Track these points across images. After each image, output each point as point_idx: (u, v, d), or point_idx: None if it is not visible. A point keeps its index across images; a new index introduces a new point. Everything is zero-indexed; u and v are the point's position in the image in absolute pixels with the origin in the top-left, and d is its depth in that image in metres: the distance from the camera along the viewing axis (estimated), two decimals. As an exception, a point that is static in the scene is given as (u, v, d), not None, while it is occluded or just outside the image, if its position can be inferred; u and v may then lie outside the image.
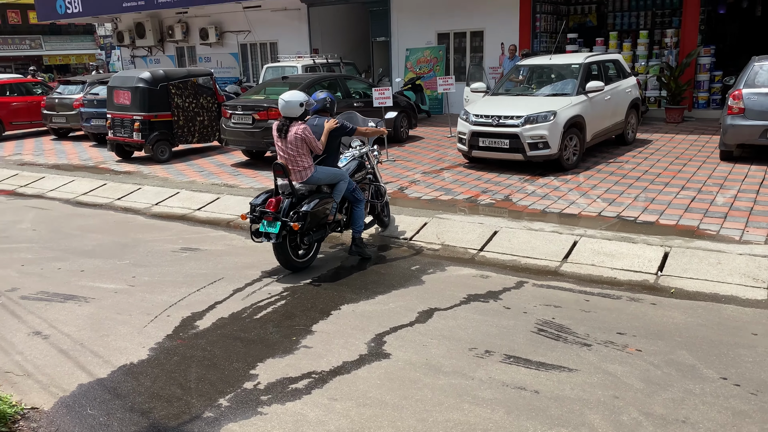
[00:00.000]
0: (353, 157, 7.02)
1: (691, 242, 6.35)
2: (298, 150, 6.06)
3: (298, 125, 6.06)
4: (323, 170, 6.28)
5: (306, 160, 6.12)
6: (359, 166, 7.02)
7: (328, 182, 6.33)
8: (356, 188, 6.57)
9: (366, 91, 12.50)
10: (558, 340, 4.60)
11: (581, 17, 17.25)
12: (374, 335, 4.77)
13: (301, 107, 6.12)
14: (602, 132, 10.65)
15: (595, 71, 10.70)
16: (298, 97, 6.13)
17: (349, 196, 6.54)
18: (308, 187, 6.25)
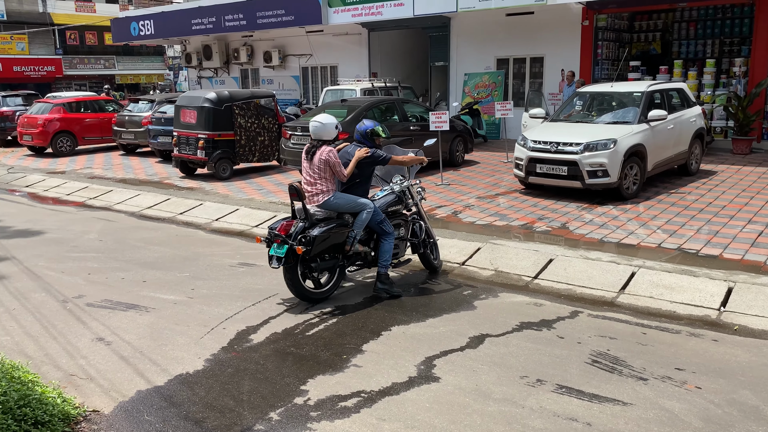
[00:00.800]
0: (391, 191, 6.62)
1: (757, 278, 6.10)
2: (321, 173, 5.91)
3: (326, 148, 5.93)
4: (343, 197, 6.02)
5: (326, 184, 5.92)
6: (396, 200, 6.58)
7: (348, 210, 6.04)
8: (384, 221, 6.16)
9: (423, 115, 12.60)
10: (613, 372, 4.49)
11: (644, 45, 16.96)
12: (424, 358, 4.77)
13: (336, 129, 6.05)
14: (664, 161, 10.39)
15: (658, 100, 10.49)
16: (334, 120, 6.05)
17: (375, 228, 6.16)
18: (326, 213, 5.98)
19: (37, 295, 6.38)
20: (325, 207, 5.95)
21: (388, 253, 6.15)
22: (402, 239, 6.50)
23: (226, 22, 20.33)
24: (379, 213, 6.16)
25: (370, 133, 6.26)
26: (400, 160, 6.36)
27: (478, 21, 16.89)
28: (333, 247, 5.92)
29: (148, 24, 22.71)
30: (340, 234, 5.92)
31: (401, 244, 6.50)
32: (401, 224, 6.54)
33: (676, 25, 16.24)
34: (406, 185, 6.68)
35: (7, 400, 3.67)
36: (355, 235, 6.00)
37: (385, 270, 6.13)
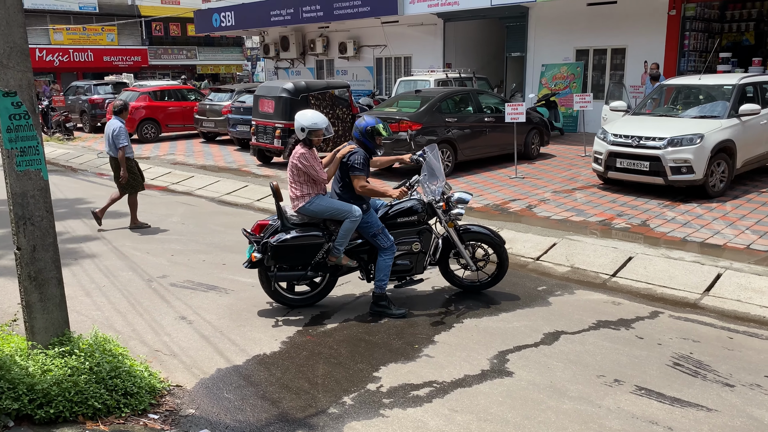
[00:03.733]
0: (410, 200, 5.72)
1: None
2: (292, 176, 5.42)
3: (297, 150, 5.38)
4: (321, 203, 5.36)
5: (301, 189, 5.37)
6: (410, 210, 5.65)
7: (329, 217, 5.40)
8: (379, 234, 5.40)
9: (498, 107, 12.42)
10: (696, 376, 4.31)
11: (736, 35, 16.04)
12: (497, 352, 4.72)
13: (303, 132, 5.36)
14: (755, 159, 9.84)
15: (750, 93, 9.92)
16: (302, 121, 5.36)
17: (370, 241, 5.47)
18: (302, 218, 5.47)
19: (124, 273, 6.72)
20: (301, 213, 5.44)
21: (383, 271, 5.40)
22: (416, 254, 5.64)
23: (303, 14, 20.67)
24: (373, 224, 5.42)
25: (370, 131, 5.48)
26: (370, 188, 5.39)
27: (557, 10, 16.46)
28: (302, 257, 5.38)
29: (229, 15, 23.39)
30: (310, 245, 5.34)
31: (414, 258, 5.65)
32: (416, 237, 5.63)
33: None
34: (428, 200, 5.67)
35: (100, 370, 3.89)
36: (337, 245, 5.37)
37: (380, 290, 5.44)
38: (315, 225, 5.48)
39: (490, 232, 5.96)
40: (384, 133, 5.55)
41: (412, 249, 5.62)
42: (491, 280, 5.96)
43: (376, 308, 5.48)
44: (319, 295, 5.73)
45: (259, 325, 5.32)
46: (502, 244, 5.94)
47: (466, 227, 5.93)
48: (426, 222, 5.74)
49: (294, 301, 5.69)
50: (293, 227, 5.43)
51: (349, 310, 5.65)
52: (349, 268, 5.67)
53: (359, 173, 5.37)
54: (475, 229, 5.95)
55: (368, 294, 5.94)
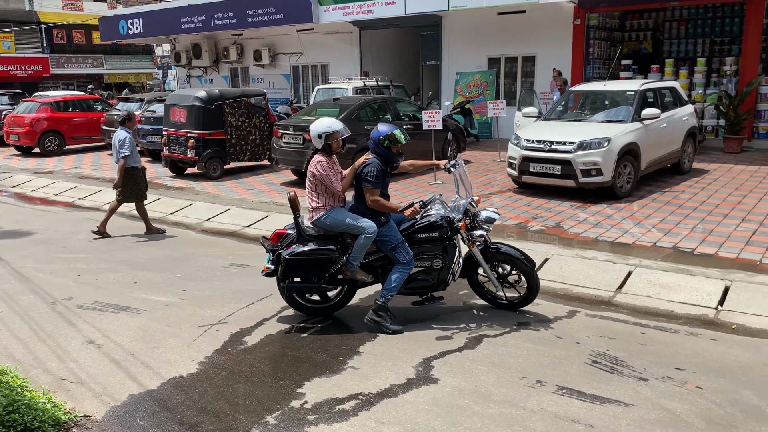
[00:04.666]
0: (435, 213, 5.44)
1: (753, 277, 6.09)
2: (312, 187, 5.30)
3: (315, 158, 5.28)
4: (336, 216, 5.22)
5: (318, 200, 5.25)
6: (433, 225, 5.36)
7: (344, 231, 5.27)
8: (398, 247, 5.19)
9: (416, 114, 12.54)
10: (613, 372, 4.45)
11: (636, 44, 16.98)
12: (422, 359, 4.70)
13: (320, 139, 5.25)
14: (657, 160, 10.39)
15: (650, 98, 10.48)
16: (317, 128, 5.26)
17: (389, 255, 5.30)
18: (319, 230, 5.34)
19: (25, 297, 6.25)
20: (316, 225, 5.35)
21: (394, 283, 5.21)
22: (438, 270, 5.38)
23: (215, 21, 20.16)
24: (392, 237, 5.21)
25: (383, 140, 5.21)
26: (381, 203, 5.15)
27: (469, 20, 16.85)
28: (315, 270, 5.28)
29: (136, 22, 22.48)
30: (323, 259, 5.22)
31: (436, 275, 5.39)
32: (438, 253, 5.36)
33: (667, 24, 16.28)
34: (452, 216, 5.36)
35: (-4, 406, 3.57)
36: (351, 260, 5.24)
37: (384, 301, 5.23)
38: (332, 238, 5.33)
39: (520, 255, 5.48)
40: (402, 140, 5.24)
41: (432, 266, 5.36)
42: (520, 301, 5.59)
43: (373, 318, 5.25)
44: (337, 306, 5.61)
45: (174, 346, 5.06)
46: (531, 268, 5.46)
47: (497, 246, 5.54)
48: (450, 238, 5.42)
49: (311, 310, 5.60)
50: (310, 239, 5.31)
51: (271, 325, 5.48)
52: (366, 283, 5.50)
53: (371, 186, 5.15)
54: (505, 249, 5.53)
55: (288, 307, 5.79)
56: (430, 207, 5.48)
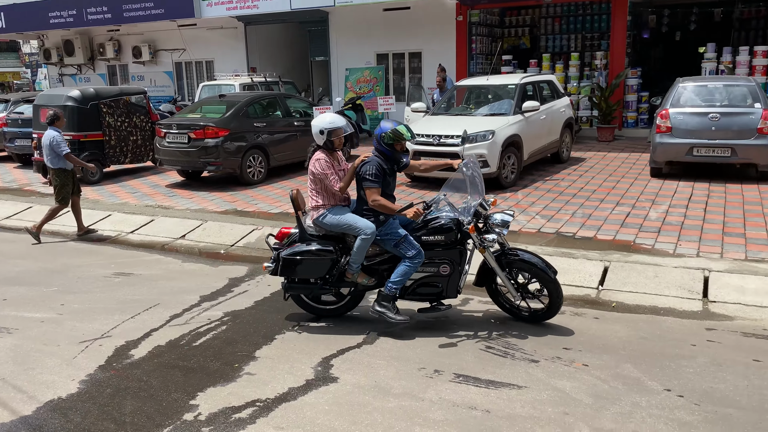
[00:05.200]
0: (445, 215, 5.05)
1: (629, 256, 6.52)
2: (312, 185, 5.14)
3: (316, 155, 5.11)
4: (334, 217, 5.02)
5: (318, 198, 5.08)
6: (441, 228, 5.00)
7: (342, 232, 5.08)
8: (403, 242, 4.89)
9: (306, 110, 12.40)
10: (506, 357, 4.59)
11: (515, 39, 17.73)
12: (321, 359, 4.63)
13: (322, 135, 5.03)
14: (539, 150, 10.90)
15: (530, 92, 10.97)
16: (319, 124, 5.03)
17: (395, 252, 5.01)
18: (319, 229, 5.14)
19: None
20: (316, 224, 5.15)
21: (401, 275, 4.91)
22: (446, 276, 5.03)
23: (88, 15, 18.91)
24: (392, 234, 4.94)
25: (386, 137, 4.94)
26: (382, 203, 4.88)
27: (356, 16, 16.88)
28: (313, 271, 5.10)
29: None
30: (320, 260, 5.03)
31: (444, 281, 5.05)
32: (446, 258, 5.02)
33: (543, 21, 17.11)
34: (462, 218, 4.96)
35: None
36: (351, 262, 5.01)
37: (389, 291, 4.97)
38: (334, 238, 5.14)
39: (539, 262, 5.06)
40: (406, 136, 4.96)
41: (440, 271, 5.03)
42: (543, 314, 5.14)
43: (377, 308, 5.01)
44: (345, 307, 5.39)
45: (52, 365, 4.66)
46: (552, 277, 5.00)
47: (516, 252, 5.13)
48: (461, 242, 5.08)
49: (319, 311, 5.41)
50: (312, 239, 5.13)
51: (160, 335, 5.19)
52: (366, 286, 5.20)
53: (371, 185, 4.92)
54: (525, 256, 5.11)
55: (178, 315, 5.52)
56: (436, 208, 5.14)
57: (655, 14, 17.52)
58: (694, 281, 5.85)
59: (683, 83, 10.27)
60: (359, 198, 5.11)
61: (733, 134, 9.39)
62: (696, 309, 5.44)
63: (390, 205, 4.93)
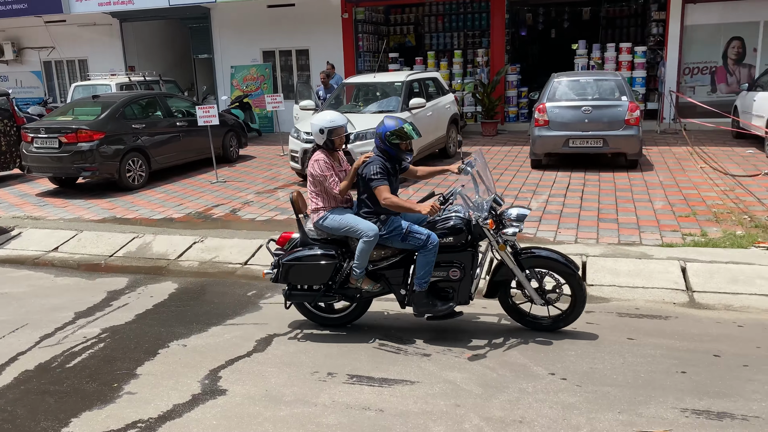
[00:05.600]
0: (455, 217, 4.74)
1: (513, 246, 6.75)
2: (310, 186, 4.88)
3: (315, 155, 4.83)
4: (334, 219, 4.75)
5: (317, 200, 4.82)
6: (451, 229, 4.68)
7: (344, 235, 4.80)
8: (409, 235, 4.60)
9: (190, 110, 11.89)
10: (399, 353, 4.60)
11: (401, 37, 17.98)
12: (208, 371, 4.42)
13: (322, 134, 4.75)
14: (427, 146, 11.09)
15: (416, 89, 11.15)
16: (319, 123, 4.75)
17: (404, 248, 4.73)
18: (320, 233, 4.88)
19: None
20: (317, 228, 4.89)
21: (423, 269, 4.63)
22: (456, 281, 4.72)
23: (-63, 10, 17.12)
24: (395, 230, 4.65)
25: (390, 135, 4.67)
26: (394, 202, 4.58)
27: (239, 12, 16.44)
28: (315, 277, 4.82)
29: None
30: (321, 266, 4.75)
31: (456, 286, 4.74)
32: (456, 262, 4.70)
33: (427, 19, 17.47)
34: (474, 217, 4.64)
35: None
36: (354, 267, 4.72)
37: (421, 288, 4.67)
38: (337, 242, 4.86)
39: (560, 257, 4.77)
40: (412, 135, 4.68)
41: (449, 276, 4.72)
42: (565, 317, 4.80)
43: (420, 309, 4.73)
44: (351, 315, 5.08)
45: None
46: (575, 272, 4.73)
47: (530, 250, 4.82)
48: (472, 243, 4.77)
49: (323, 320, 5.10)
50: (314, 243, 4.87)
51: (28, 359, 4.75)
52: (371, 293, 4.90)
53: (380, 183, 4.61)
54: (543, 253, 4.82)
55: (50, 335, 5.09)
56: (451, 203, 4.81)
57: (531, 13, 18.39)
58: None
59: (558, 78, 10.82)
60: (360, 201, 4.87)
61: (603, 126, 10.01)
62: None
63: (403, 203, 4.71)
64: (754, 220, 7.15)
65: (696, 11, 13.92)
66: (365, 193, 4.76)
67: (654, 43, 14.76)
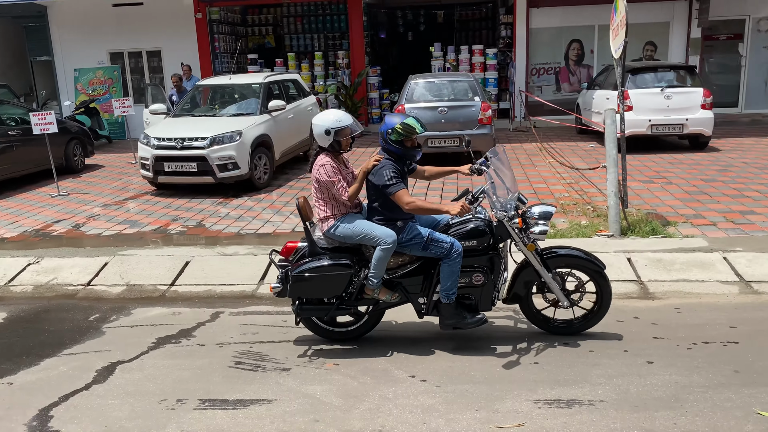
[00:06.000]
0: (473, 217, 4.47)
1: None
2: (316, 193, 4.50)
3: (320, 159, 4.46)
4: (348, 226, 4.40)
5: (326, 208, 4.46)
6: (472, 232, 4.41)
7: (359, 243, 4.45)
8: (431, 243, 4.30)
9: (24, 117, 10.78)
10: (257, 370, 4.35)
11: (260, 38, 17.57)
12: (38, 411, 3.91)
13: (328, 136, 4.39)
14: (291, 149, 10.87)
15: (276, 91, 10.88)
16: (324, 123, 4.40)
17: (425, 256, 4.42)
18: (331, 241, 4.51)
19: None
20: (327, 237, 4.51)
21: (449, 279, 4.33)
22: (479, 287, 4.45)
23: None
24: (416, 237, 4.36)
25: (394, 133, 4.35)
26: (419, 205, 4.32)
27: (81, 11, 15.23)
28: (328, 289, 4.46)
29: None
30: (336, 276, 4.39)
31: (478, 292, 4.47)
32: (478, 266, 4.43)
33: (286, 20, 17.20)
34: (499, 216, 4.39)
35: None
36: (371, 276, 4.39)
37: (448, 300, 4.38)
38: (349, 250, 4.48)
39: (585, 254, 4.60)
40: (416, 129, 4.31)
41: (472, 281, 4.41)
42: (593, 316, 4.62)
43: (448, 322, 4.43)
44: (363, 327, 4.70)
45: None
46: (602, 269, 4.54)
47: (551, 250, 4.60)
48: (494, 246, 4.49)
49: (335, 335, 4.73)
50: (323, 252, 4.48)
51: None
52: (389, 303, 4.55)
53: (397, 188, 4.28)
54: (565, 251, 4.62)
55: None
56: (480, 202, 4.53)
57: (388, 16, 18.70)
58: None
59: (415, 80, 11.01)
60: (371, 209, 4.53)
61: (459, 125, 10.32)
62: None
63: (430, 205, 4.48)
64: (596, 210, 7.65)
65: (539, 15, 14.82)
66: (377, 201, 4.46)
67: (504, 46, 15.53)
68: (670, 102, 10.70)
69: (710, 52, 15.13)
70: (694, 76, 11.37)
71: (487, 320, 4.50)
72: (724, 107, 14.28)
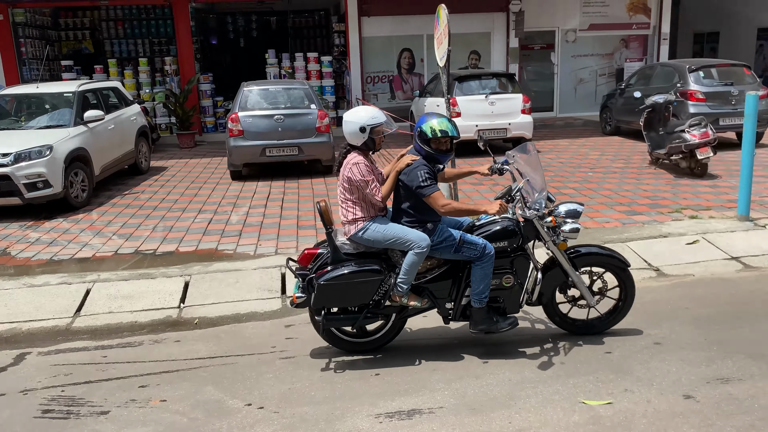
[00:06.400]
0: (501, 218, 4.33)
1: (210, 266, 6.32)
2: (346, 194, 4.23)
3: (351, 158, 4.20)
4: (379, 230, 4.17)
5: (355, 210, 4.20)
6: (501, 233, 4.27)
7: (390, 247, 4.21)
8: (463, 245, 4.15)
9: None
10: (69, 417, 3.82)
11: (76, 44, 16.10)
12: None
13: (363, 133, 4.14)
14: (112, 163, 10.00)
15: (94, 100, 9.97)
16: (358, 120, 4.15)
17: (457, 259, 4.24)
18: (356, 246, 4.26)
19: None
20: (354, 241, 4.26)
21: (481, 282, 4.16)
22: (508, 288, 4.32)
23: None
24: (447, 240, 4.16)
25: (419, 133, 4.22)
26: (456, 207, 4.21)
27: None
28: (356, 297, 4.21)
29: None
30: (365, 282, 4.14)
31: (507, 294, 4.34)
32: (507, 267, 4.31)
33: (105, 24, 15.94)
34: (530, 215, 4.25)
35: None
36: (400, 282, 4.16)
37: (480, 304, 4.20)
38: (374, 255, 4.27)
39: (610, 252, 4.54)
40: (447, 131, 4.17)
41: (502, 283, 4.31)
42: (617, 313, 4.56)
43: (480, 327, 4.27)
44: (386, 336, 4.46)
45: None
46: (627, 266, 4.48)
47: (575, 249, 4.47)
48: (522, 247, 4.35)
49: (354, 346, 4.47)
50: (347, 258, 4.23)
51: None
52: (418, 309, 4.35)
53: (433, 190, 4.10)
54: (589, 250, 4.53)
55: None
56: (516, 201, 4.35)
57: (218, 21, 18.05)
58: (272, 280, 5.95)
59: (248, 87, 10.65)
60: (399, 210, 4.31)
61: (297, 134, 10.14)
62: (276, 308, 5.49)
63: (467, 206, 4.44)
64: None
65: (371, 24, 15.10)
66: (407, 202, 4.26)
67: (338, 53, 15.60)
68: (494, 108, 11.35)
69: (527, 61, 16.38)
70: (515, 83, 12.16)
71: (518, 323, 4.42)
72: (541, 111, 15.50)
